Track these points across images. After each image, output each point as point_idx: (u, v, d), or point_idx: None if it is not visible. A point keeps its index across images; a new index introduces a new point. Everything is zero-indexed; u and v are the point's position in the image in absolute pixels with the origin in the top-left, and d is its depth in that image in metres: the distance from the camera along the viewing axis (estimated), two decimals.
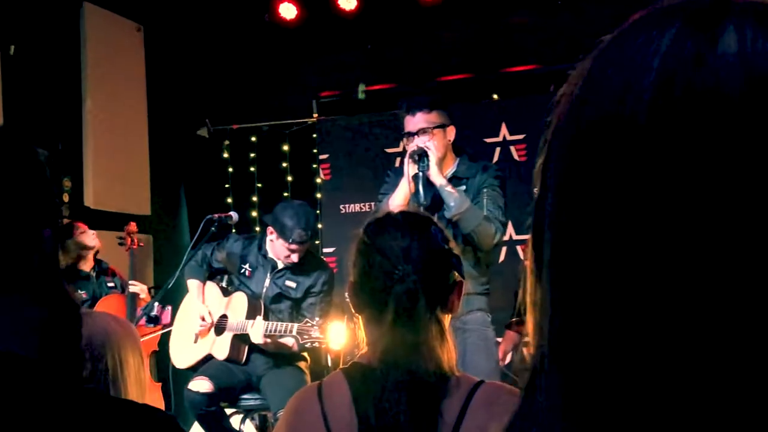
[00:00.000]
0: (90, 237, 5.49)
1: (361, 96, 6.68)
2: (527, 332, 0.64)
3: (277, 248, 4.86)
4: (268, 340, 4.74)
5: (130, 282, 5.47)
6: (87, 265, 5.55)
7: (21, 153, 1.06)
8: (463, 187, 3.98)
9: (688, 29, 0.54)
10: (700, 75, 0.51)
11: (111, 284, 5.55)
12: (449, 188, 3.87)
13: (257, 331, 4.72)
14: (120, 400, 1.04)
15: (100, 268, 5.64)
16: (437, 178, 3.87)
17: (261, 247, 5.05)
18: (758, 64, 0.52)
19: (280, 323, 4.72)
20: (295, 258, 4.82)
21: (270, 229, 4.87)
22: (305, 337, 4.57)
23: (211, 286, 5.26)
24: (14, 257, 1.02)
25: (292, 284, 4.95)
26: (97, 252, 5.61)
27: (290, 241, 4.72)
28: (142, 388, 1.94)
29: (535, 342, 0.61)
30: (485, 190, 3.94)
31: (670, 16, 0.55)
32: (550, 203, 0.58)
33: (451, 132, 4.07)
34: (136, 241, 5.67)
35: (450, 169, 4.07)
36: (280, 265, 4.96)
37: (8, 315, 1.00)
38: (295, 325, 4.62)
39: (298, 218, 4.72)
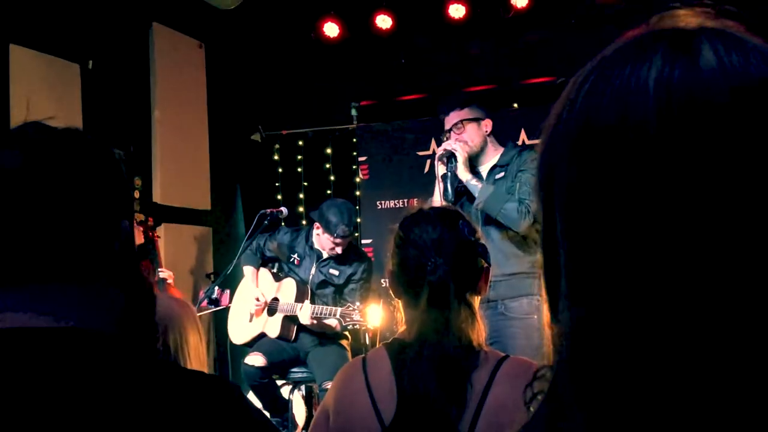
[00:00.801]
0: None
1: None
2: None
3: (323, 241, 4.89)
4: (315, 322, 4.78)
5: (159, 270, 5.38)
6: None
7: (101, 153, 1.09)
8: (502, 174, 3.85)
9: (671, 53, 0.54)
10: (690, 90, 0.52)
11: (159, 275, 5.41)
12: (473, 181, 3.80)
13: (305, 313, 4.76)
14: (190, 370, 1.05)
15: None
16: (463, 175, 3.82)
17: (308, 238, 5.09)
18: (736, 74, 0.53)
19: (325, 307, 4.76)
20: (339, 250, 4.85)
21: (317, 224, 4.91)
22: (347, 319, 4.60)
23: (264, 272, 5.31)
24: (99, 245, 1.05)
25: (335, 272, 4.99)
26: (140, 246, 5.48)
27: (335, 235, 4.77)
28: (202, 363, 1.96)
29: (554, 357, 0.61)
30: (519, 174, 3.76)
31: (654, 42, 0.56)
32: (560, 218, 0.58)
33: (487, 124, 3.97)
34: (155, 234, 5.58)
35: (492, 159, 3.97)
36: (325, 255, 5.00)
37: (95, 297, 1.03)
38: (339, 309, 4.65)
39: (342, 215, 4.74)
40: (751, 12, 0.61)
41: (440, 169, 3.91)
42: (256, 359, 4.85)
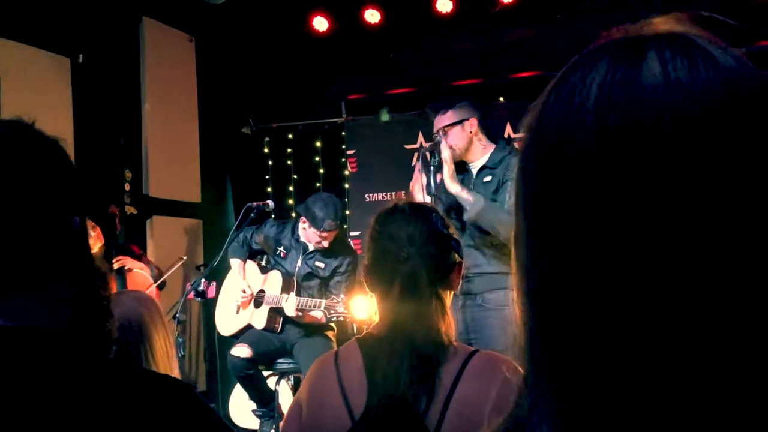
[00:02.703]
0: (89, 240, 5.08)
1: (384, 118, 6.64)
2: None
3: (309, 235, 4.89)
4: (300, 314, 4.78)
5: (113, 259, 5.20)
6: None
7: (47, 146, 1.03)
8: (489, 177, 3.80)
9: (615, 64, 0.53)
10: (628, 106, 0.51)
11: (114, 266, 5.23)
12: (464, 194, 3.70)
13: (290, 305, 4.76)
14: (142, 369, 1.03)
15: (110, 254, 5.28)
16: (452, 187, 3.72)
17: (294, 231, 5.08)
18: (678, 87, 0.51)
19: (310, 299, 4.75)
20: (325, 244, 4.85)
21: (303, 218, 4.90)
22: (332, 311, 4.60)
23: (251, 264, 5.31)
24: (50, 246, 1.00)
25: (321, 265, 4.98)
26: (104, 245, 5.34)
27: (321, 229, 4.76)
28: (169, 359, 1.93)
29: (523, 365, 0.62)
30: (507, 183, 3.71)
31: (603, 51, 0.55)
32: (523, 223, 0.59)
33: (473, 124, 3.87)
34: (117, 221, 5.42)
35: (482, 159, 3.90)
36: (311, 248, 5.00)
37: (46, 299, 0.99)
38: (323, 301, 4.65)
39: (327, 209, 4.73)
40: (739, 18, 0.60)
41: (422, 164, 3.86)
42: (242, 350, 4.84)
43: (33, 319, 0.96)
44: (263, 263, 5.47)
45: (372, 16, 6.47)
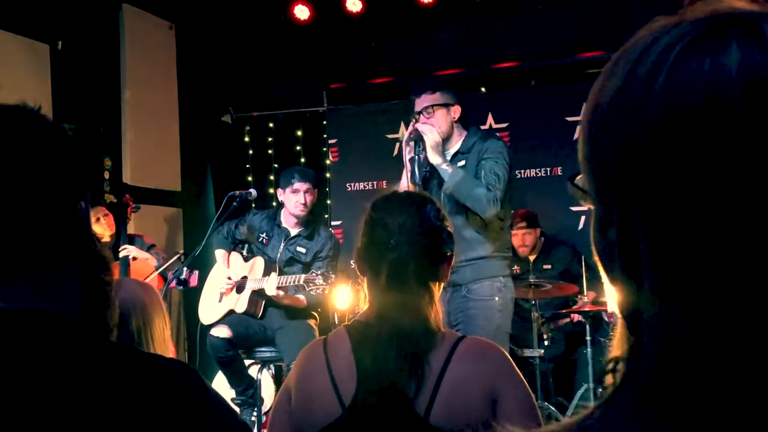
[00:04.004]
0: (102, 228, 5.19)
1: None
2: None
3: (288, 202, 4.96)
4: (281, 293, 4.79)
5: (120, 247, 5.27)
6: (105, 243, 5.43)
7: (53, 131, 1.02)
8: (462, 162, 3.86)
9: (745, 39, 0.56)
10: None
11: (120, 254, 5.26)
12: (444, 165, 3.77)
13: (271, 284, 4.79)
14: (148, 353, 1.02)
15: (118, 241, 5.38)
16: (433, 159, 3.78)
17: (276, 217, 5.12)
18: None
19: (290, 276, 4.78)
20: (302, 199, 4.90)
21: (280, 190, 4.98)
22: (310, 285, 4.61)
23: (235, 255, 5.34)
24: (56, 231, 1.00)
25: (303, 250, 5.02)
26: (114, 234, 5.41)
27: (292, 182, 4.84)
28: (167, 346, 1.95)
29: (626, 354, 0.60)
30: (483, 160, 3.76)
31: (727, 29, 0.57)
32: (643, 208, 0.57)
33: (456, 111, 3.93)
34: (130, 210, 5.53)
35: (455, 146, 3.95)
36: (293, 233, 5.03)
37: (52, 283, 0.99)
38: (303, 276, 4.67)
39: (295, 168, 5.05)
40: None
41: (408, 153, 3.89)
42: (221, 331, 4.85)
43: (38, 303, 0.97)
44: (245, 252, 5.48)
45: (353, 4, 6.46)
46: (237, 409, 5.10)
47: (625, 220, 0.58)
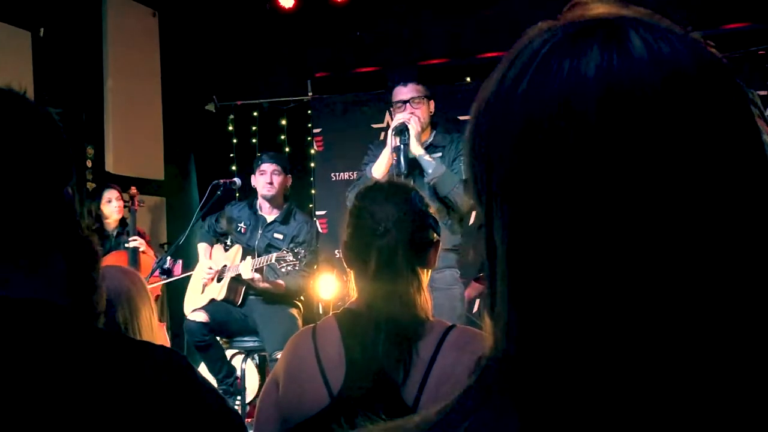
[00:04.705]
0: (111, 209, 5.45)
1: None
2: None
3: (258, 185, 5.04)
4: (257, 275, 4.78)
5: (130, 238, 5.43)
6: (109, 225, 5.53)
7: (39, 115, 1.01)
8: (440, 154, 3.96)
9: (607, 43, 0.55)
10: (626, 80, 0.53)
11: (129, 244, 5.46)
12: (427, 157, 3.87)
13: (246, 266, 4.78)
14: (136, 340, 1.02)
15: (121, 228, 5.60)
16: (416, 149, 3.87)
17: (252, 206, 5.13)
18: (666, 62, 0.54)
19: (263, 257, 4.78)
20: (268, 179, 4.97)
21: (252, 177, 5.09)
22: (282, 263, 4.60)
23: (217, 247, 5.34)
24: (43, 216, 0.99)
25: (280, 236, 5.03)
26: (122, 218, 5.58)
27: (260, 164, 4.96)
28: (154, 334, 1.94)
29: (491, 346, 0.60)
30: (457, 160, 3.90)
31: (588, 33, 0.56)
32: (501, 212, 0.57)
33: (432, 104, 4.10)
34: (136, 202, 5.64)
35: (427, 139, 4.07)
36: (269, 220, 5.05)
37: (44, 269, 0.99)
38: (274, 255, 4.67)
39: (265, 152, 5.16)
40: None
41: (393, 141, 3.93)
42: (198, 315, 4.84)
43: (24, 290, 0.95)
44: (227, 243, 5.48)
45: None
46: None
47: (488, 221, 0.59)
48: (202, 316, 4.84)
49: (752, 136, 0.55)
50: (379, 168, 3.98)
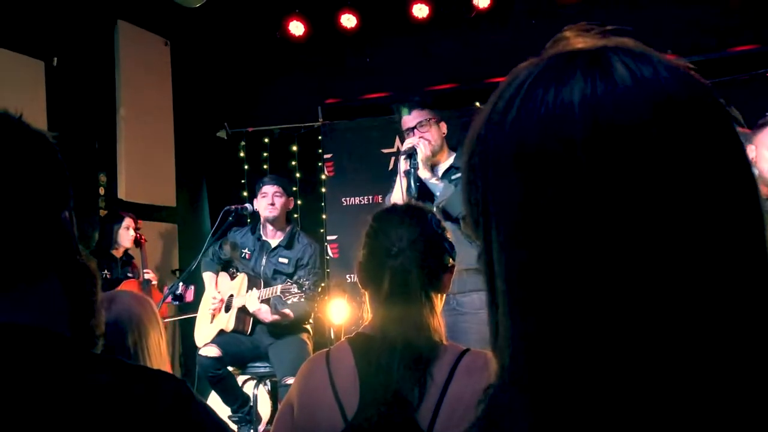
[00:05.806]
0: (126, 237, 5.52)
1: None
2: None
3: (260, 207, 5.04)
4: (264, 306, 4.77)
5: (144, 270, 5.51)
6: (118, 253, 5.57)
7: (35, 139, 1.00)
8: (458, 174, 3.87)
9: (589, 71, 0.57)
10: (610, 106, 0.55)
11: (130, 274, 5.56)
12: (433, 180, 3.85)
13: (252, 299, 4.77)
14: (135, 366, 0.99)
15: (127, 258, 5.66)
16: (422, 173, 3.86)
17: (256, 232, 5.13)
18: (649, 88, 0.55)
19: (268, 288, 4.77)
20: (269, 200, 4.98)
21: (255, 200, 5.08)
22: (287, 294, 4.58)
23: (223, 275, 5.32)
24: (38, 241, 0.97)
25: (284, 260, 5.02)
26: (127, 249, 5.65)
27: (261, 186, 4.99)
28: (163, 359, 1.93)
29: (498, 371, 0.62)
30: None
31: (571, 62, 0.58)
32: (498, 234, 0.59)
33: (444, 126, 4.09)
34: (143, 237, 5.72)
35: (447, 161, 4.04)
36: (273, 245, 5.04)
37: (40, 294, 0.97)
38: (279, 287, 4.65)
39: (266, 175, 5.16)
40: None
41: (403, 166, 3.92)
42: (210, 350, 4.81)
43: (19, 316, 0.94)
44: (233, 271, 5.48)
45: (348, 20, 6.48)
46: (234, 428, 5.06)
47: (486, 244, 0.62)
48: (214, 351, 4.81)
49: (736, 153, 0.56)
50: (396, 194, 3.96)
